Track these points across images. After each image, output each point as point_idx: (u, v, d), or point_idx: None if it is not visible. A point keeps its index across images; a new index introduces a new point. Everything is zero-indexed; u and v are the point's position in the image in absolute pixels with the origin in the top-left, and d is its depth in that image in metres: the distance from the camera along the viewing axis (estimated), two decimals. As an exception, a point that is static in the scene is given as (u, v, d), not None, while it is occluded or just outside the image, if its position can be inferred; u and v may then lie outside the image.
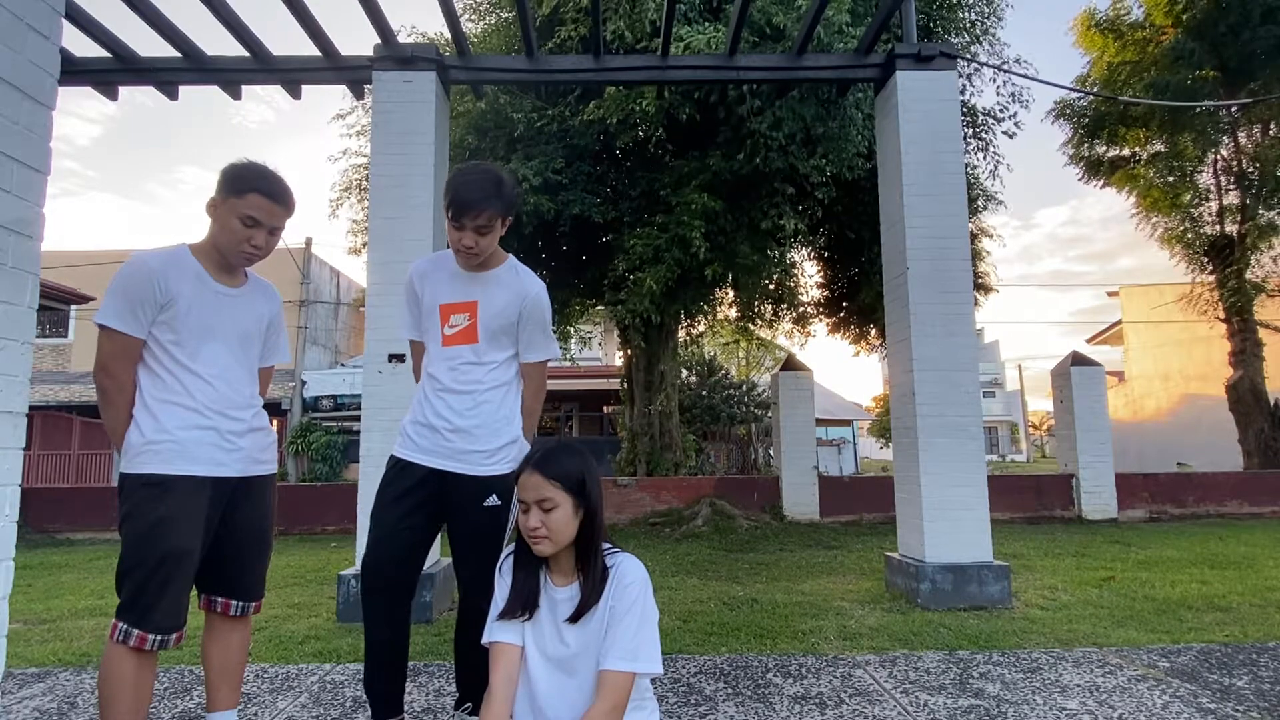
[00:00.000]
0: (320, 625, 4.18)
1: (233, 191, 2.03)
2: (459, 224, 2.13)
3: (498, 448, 2.23)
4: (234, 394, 2.08)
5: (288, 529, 9.16)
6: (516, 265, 2.35)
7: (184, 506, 1.94)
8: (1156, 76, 11.42)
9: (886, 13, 4.86)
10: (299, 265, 19.80)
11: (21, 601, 4.99)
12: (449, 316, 2.27)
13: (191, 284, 2.04)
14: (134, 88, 5.42)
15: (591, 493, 1.73)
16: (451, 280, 2.30)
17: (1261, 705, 2.72)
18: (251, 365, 2.19)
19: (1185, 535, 7.89)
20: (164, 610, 1.90)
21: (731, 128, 7.77)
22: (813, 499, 9.47)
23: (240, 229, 2.04)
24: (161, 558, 1.89)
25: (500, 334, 2.27)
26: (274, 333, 2.30)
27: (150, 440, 1.95)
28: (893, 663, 3.31)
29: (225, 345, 2.09)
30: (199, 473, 1.98)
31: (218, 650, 2.16)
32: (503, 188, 2.16)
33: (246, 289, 2.19)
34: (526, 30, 4.97)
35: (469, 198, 2.11)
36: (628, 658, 1.63)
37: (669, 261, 8.06)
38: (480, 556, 2.18)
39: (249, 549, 2.16)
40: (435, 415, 2.22)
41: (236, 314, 2.13)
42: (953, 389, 4.75)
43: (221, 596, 2.14)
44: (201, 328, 2.04)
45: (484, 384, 2.25)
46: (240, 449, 2.07)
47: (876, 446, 40.71)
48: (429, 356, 2.32)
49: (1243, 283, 11.94)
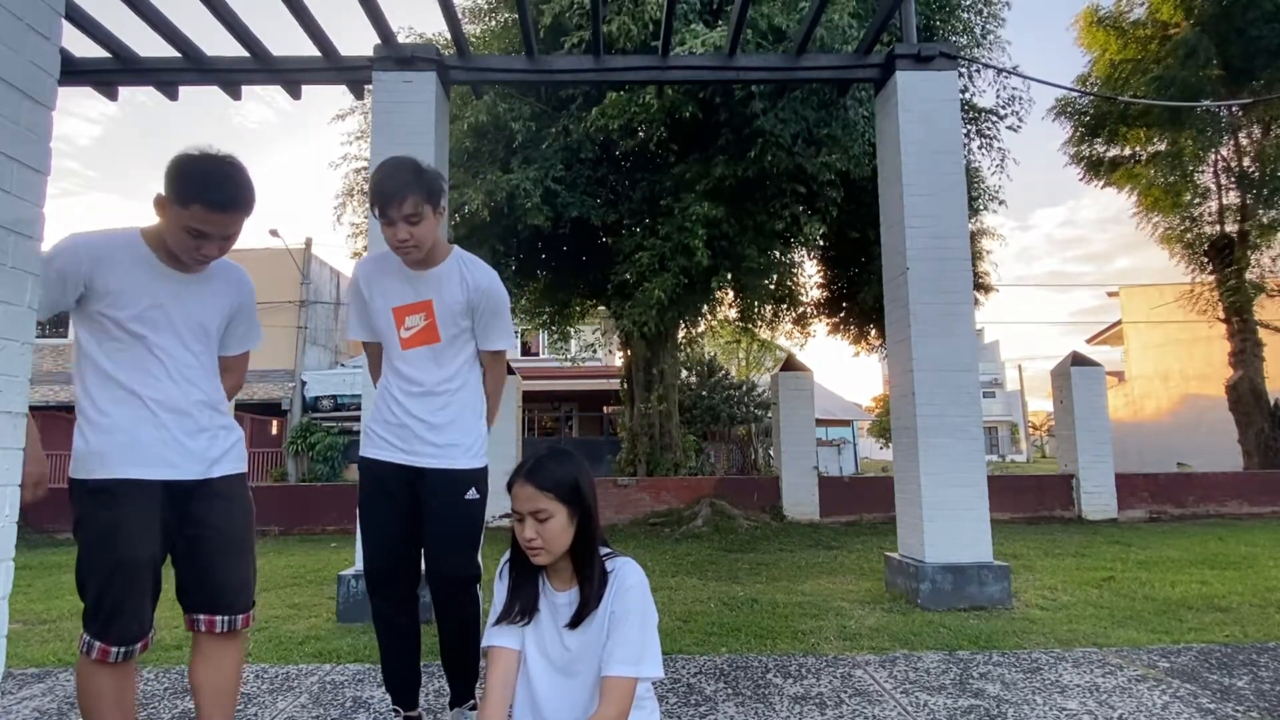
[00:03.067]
0: (320, 625, 4.18)
1: (175, 199, 1.81)
2: (388, 219, 2.08)
3: (472, 440, 2.24)
4: (186, 390, 1.92)
5: (288, 529, 9.17)
6: (463, 255, 2.29)
7: (134, 512, 1.80)
8: (1164, 72, 11.40)
9: (886, 13, 4.86)
10: (299, 265, 19.79)
11: (21, 601, 4.99)
12: (404, 319, 2.22)
13: (136, 271, 1.87)
14: (134, 88, 5.42)
15: (586, 497, 1.71)
16: (400, 281, 2.23)
17: (1261, 705, 2.71)
18: (211, 358, 2.02)
19: (1185, 535, 7.89)
20: (125, 620, 1.80)
21: (733, 129, 7.76)
22: (813, 499, 9.47)
23: (188, 239, 1.85)
24: (113, 567, 1.78)
25: (460, 329, 2.25)
26: (245, 318, 2.12)
27: (94, 444, 1.82)
28: (893, 663, 3.31)
29: (176, 338, 1.92)
30: (148, 476, 1.83)
31: (208, 673, 1.95)
32: (422, 174, 2.10)
33: (205, 275, 1.99)
34: (526, 30, 4.97)
35: (388, 189, 2.06)
36: (631, 663, 1.62)
37: (674, 270, 8.05)
38: (459, 549, 2.21)
39: (222, 556, 1.95)
40: (407, 415, 2.21)
41: (193, 301, 1.95)
42: (953, 389, 4.75)
43: (203, 613, 1.94)
44: (149, 319, 1.87)
45: (454, 382, 2.24)
46: (192, 450, 1.90)
47: (876, 446, 40.69)
48: (391, 358, 2.28)
49: (1243, 283, 11.94)
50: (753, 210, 8.40)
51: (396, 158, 2.18)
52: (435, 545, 2.23)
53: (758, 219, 8.38)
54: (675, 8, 4.88)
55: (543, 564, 1.71)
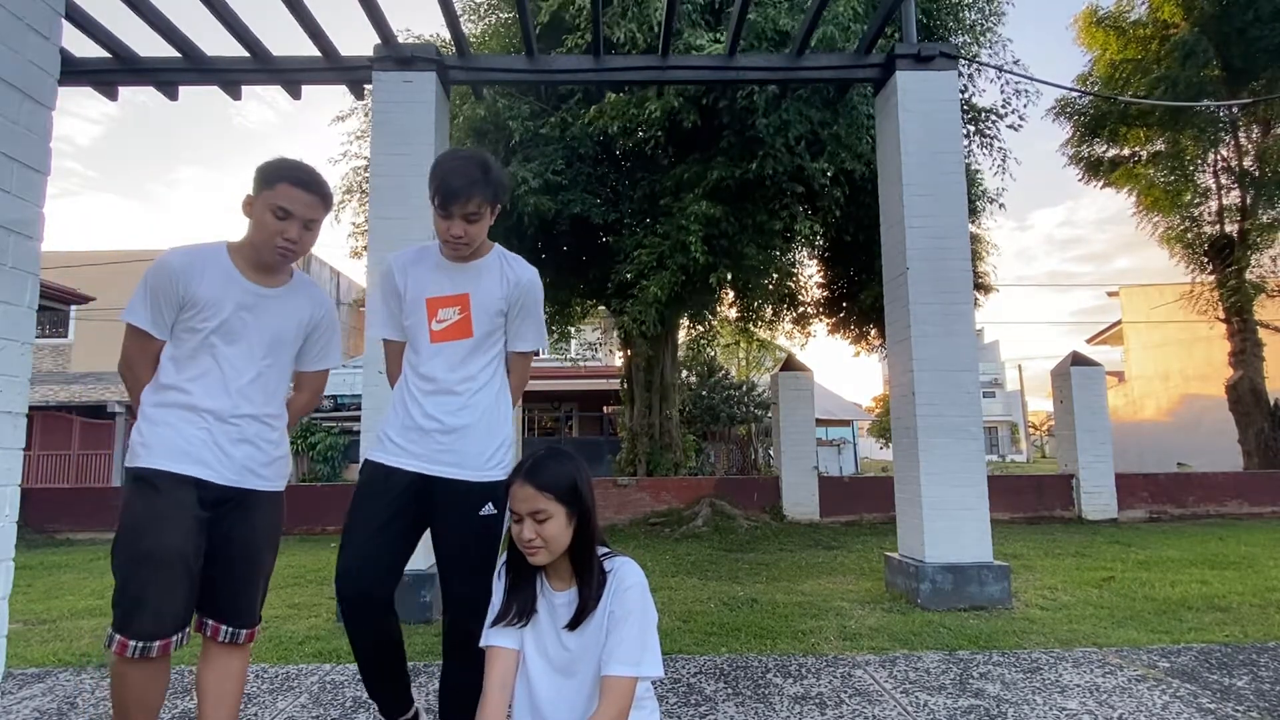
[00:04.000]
0: (320, 625, 4.19)
1: (264, 184, 1.95)
2: (447, 213, 2.00)
3: (493, 449, 2.09)
4: (238, 403, 1.95)
5: (288, 529, 9.13)
6: (504, 253, 2.20)
7: (167, 504, 1.83)
8: (1165, 71, 11.40)
9: (886, 12, 4.86)
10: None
11: (21, 601, 4.99)
12: (436, 311, 2.11)
13: (218, 283, 1.95)
14: (134, 88, 5.42)
15: (585, 498, 1.71)
16: (437, 272, 2.14)
17: (1261, 705, 2.71)
18: (280, 371, 2.07)
19: (1185, 535, 7.89)
20: (145, 616, 1.77)
21: (735, 132, 7.75)
22: (812, 499, 9.47)
23: (272, 222, 1.94)
24: (139, 558, 1.79)
25: (495, 326, 2.13)
26: (320, 336, 2.18)
27: (145, 436, 1.89)
28: (893, 663, 3.31)
29: (247, 347, 1.98)
30: (183, 471, 1.87)
31: (213, 678, 1.99)
32: (490, 172, 2.02)
33: (285, 290, 2.07)
34: (526, 30, 4.97)
35: (455, 185, 1.98)
36: (630, 663, 1.62)
37: (672, 268, 8.06)
38: (473, 570, 2.01)
39: (238, 570, 1.98)
40: (424, 416, 2.06)
41: (269, 316, 2.02)
42: (953, 389, 4.75)
43: (212, 620, 1.98)
44: (221, 327, 1.95)
45: (477, 381, 2.10)
46: (230, 456, 1.94)
47: (876, 446, 40.69)
48: (413, 355, 2.14)
49: (1243, 283, 11.93)
50: (752, 210, 8.41)
51: (464, 151, 2.11)
52: (444, 565, 2.08)
53: (757, 218, 8.38)
54: (676, 9, 4.87)
55: (541, 564, 1.71)
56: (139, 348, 1.96)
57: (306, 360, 2.18)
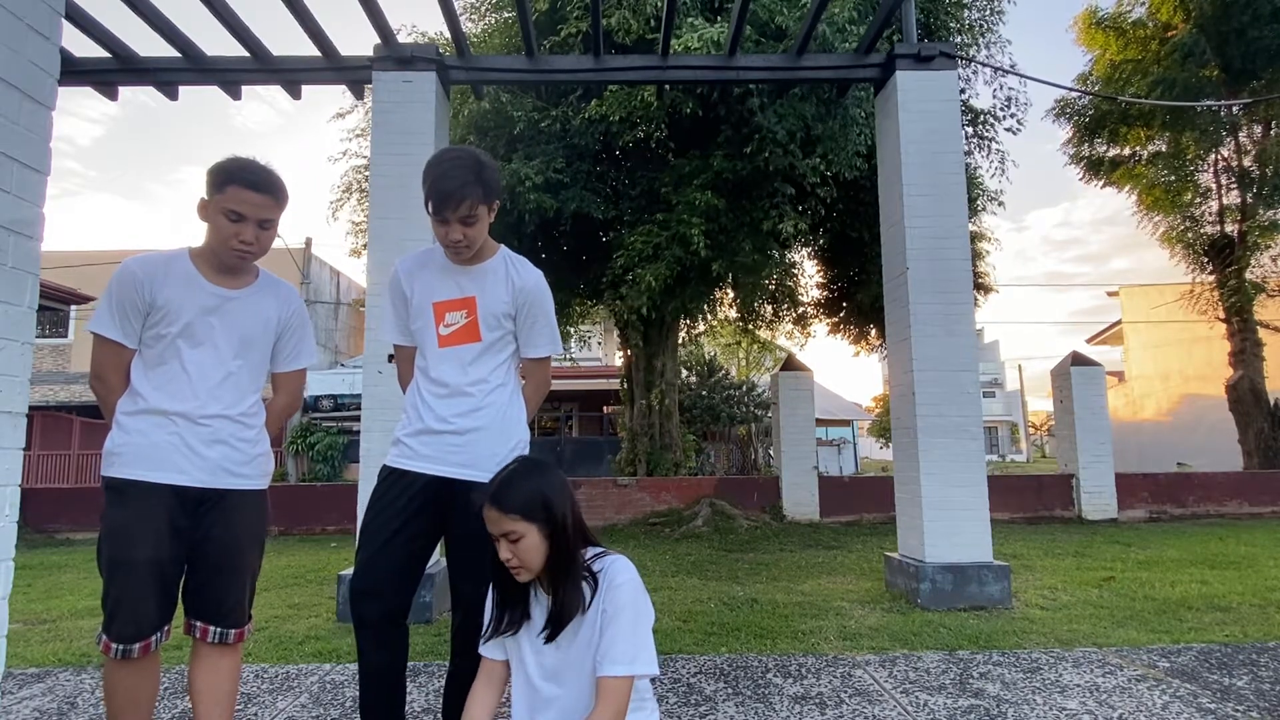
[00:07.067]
0: (320, 625, 4.19)
1: (215, 187, 1.94)
2: (442, 218, 1.98)
3: (507, 451, 2.06)
4: (208, 399, 1.95)
5: (288, 529, 9.17)
6: (510, 255, 2.18)
7: (140, 513, 1.86)
8: (1164, 73, 11.41)
9: (886, 12, 4.86)
10: (299, 265, 19.81)
11: (21, 601, 4.99)
12: (444, 315, 2.09)
13: (180, 287, 1.96)
14: (134, 88, 5.43)
15: (557, 512, 1.66)
16: (442, 275, 2.12)
17: (1261, 705, 2.71)
18: (254, 371, 2.07)
19: (1185, 535, 7.89)
20: (124, 619, 1.84)
21: (733, 125, 7.77)
22: (812, 499, 9.47)
23: (226, 225, 1.94)
24: (115, 564, 1.85)
25: (503, 330, 2.11)
26: (292, 335, 2.18)
27: (116, 444, 1.91)
28: (893, 663, 3.31)
29: (213, 349, 1.98)
30: (155, 479, 1.88)
31: (206, 678, 2.00)
32: (481, 171, 1.98)
33: (250, 290, 2.08)
34: (526, 30, 4.97)
35: (448, 189, 1.95)
36: (625, 662, 1.60)
37: (668, 259, 8.06)
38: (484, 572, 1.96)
39: (220, 571, 1.98)
40: (437, 420, 2.04)
41: (235, 317, 2.02)
42: (953, 389, 4.75)
43: (200, 621, 1.99)
44: (185, 331, 1.95)
45: (489, 383, 2.08)
46: (204, 458, 1.94)
47: (876, 446, 40.69)
48: (424, 360, 2.13)
49: (1243, 283, 11.94)
50: (748, 207, 8.42)
51: (455, 151, 2.04)
52: (455, 566, 2.06)
53: (753, 215, 8.39)
54: (675, 3, 4.87)
55: (525, 580, 1.70)
56: (109, 358, 1.95)
57: (279, 361, 2.18)
